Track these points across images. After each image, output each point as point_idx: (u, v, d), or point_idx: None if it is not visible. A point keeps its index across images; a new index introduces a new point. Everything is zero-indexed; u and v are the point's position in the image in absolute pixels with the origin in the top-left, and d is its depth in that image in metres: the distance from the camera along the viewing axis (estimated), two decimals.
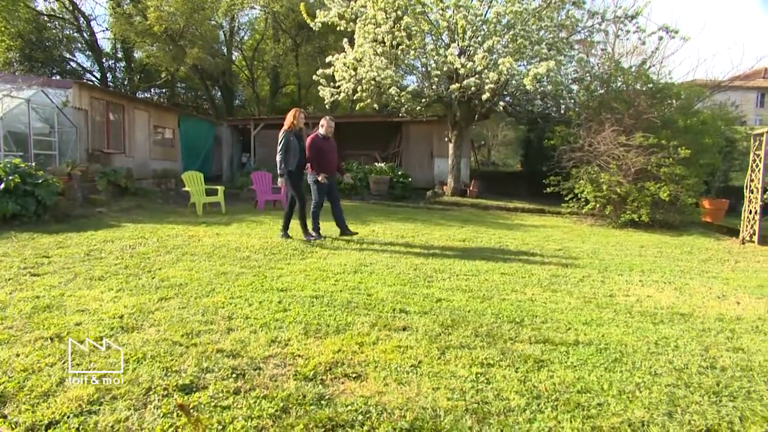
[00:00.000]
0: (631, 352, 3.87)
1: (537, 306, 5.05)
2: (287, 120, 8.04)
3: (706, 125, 13.13)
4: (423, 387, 3.11)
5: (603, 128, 12.93)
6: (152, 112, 18.61)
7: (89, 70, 31.04)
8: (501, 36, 13.77)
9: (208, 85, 30.64)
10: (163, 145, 19.74)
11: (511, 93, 15.34)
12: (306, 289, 5.35)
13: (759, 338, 4.40)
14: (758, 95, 43.26)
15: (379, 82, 14.55)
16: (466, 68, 13.53)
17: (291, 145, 7.94)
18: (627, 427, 2.73)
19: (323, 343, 3.78)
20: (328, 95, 15.97)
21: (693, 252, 9.39)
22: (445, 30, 14.55)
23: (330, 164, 8.54)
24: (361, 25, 14.74)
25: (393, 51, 14.88)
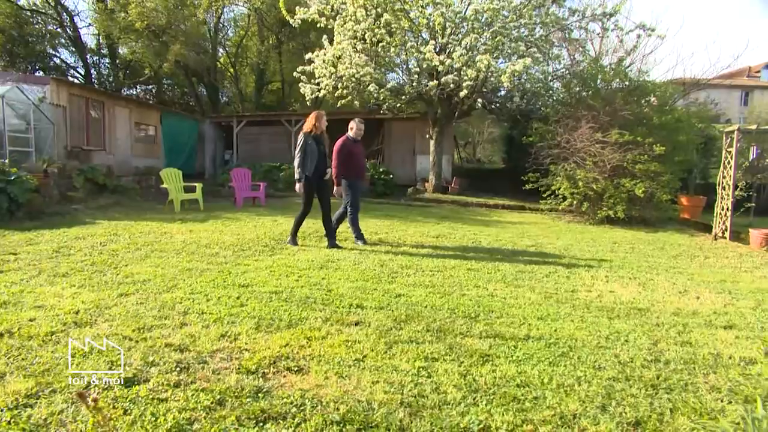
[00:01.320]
0: (580, 346, 3.91)
1: (496, 301, 5.09)
2: (308, 122, 7.68)
3: (681, 122, 13.25)
4: (363, 380, 3.14)
5: (580, 125, 13.03)
6: (134, 109, 18.54)
7: (73, 66, 30.83)
8: (479, 33, 13.82)
9: (194, 82, 30.49)
10: (146, 142, 19.67)
11: (491, 90, 15.37)
12: (267, 284, 5.38)
13: (709, 332, 4.45)
14: (742, 94, 43.67)
15: (358, 79, 14.56)
16: (444, 65, 13.57)
17: (309, 148, 7.54)
18: (558, 419, 2.76)
19: (272, 337, 3.81)
20: (309, 92, 15.98)
21: (665, 248, 9.47)
22: (425, 27, 14.58)
23: (360, 168, 8.30)
24: (340, 22, 14.75)
25: (373, 48, 14.91)
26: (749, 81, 46.20)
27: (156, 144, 20.19)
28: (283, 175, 17.79)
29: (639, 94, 13.90)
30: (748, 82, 45.72)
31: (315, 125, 7.61)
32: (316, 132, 7.64)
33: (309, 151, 7.51)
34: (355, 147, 8.14)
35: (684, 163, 13.48)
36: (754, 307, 5.47)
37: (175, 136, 21.23)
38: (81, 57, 29.43)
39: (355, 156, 8.11)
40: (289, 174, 17.66)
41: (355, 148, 8.13)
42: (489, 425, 2.67)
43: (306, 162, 7.51)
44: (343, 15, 14.76)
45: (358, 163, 8.17)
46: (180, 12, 23.59)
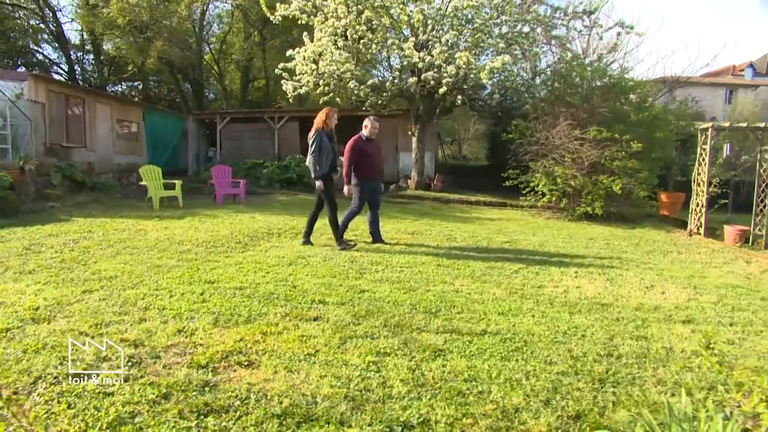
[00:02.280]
0: (536, 341, 3.95)
1: (459, 297, 5.13)
2: (318, 119, 7.43)
3: (658, 120, 13.36)
4: (311, 375, 3.17)
5: (558, 122, 13.11)
6: (115, 105, 18.41)
7: (56, 62, 30.56)
8: (459, 30, 13.86)
9: (179, 78, 30.33)
10: (128, 139, 19.54)
11: (471, 87, 15.40)
12: (233, 281, 5.38)
13: (667, 327, 4.52)
14: (726, 92, 43.84)
15: (339, 76, 14.56)
16: (425, 62, 13.60)
17: (324, 146, 7.34)
18: (500, 413, 2.80)
19: (229, 332, 3.82)
20: (290, 89, 15.94)
21: (640, 244, 9.57)
22: (405, 24, 14.59)
23: (375, 168, 8.02)
24: (321, 19, 14.73)
25: (355, 45, 14.92)
26: (733, 79, 46.47)
27: (139, 141, 20.07)
28: (266, 171, 17.74)
29: (617, 92, 13.99)
30: (732, 81, 45.98)
31: (326, 122, 7.42)
32: (328, 128, 7.47)
33: (324, 148, 7.35)
34: (369, 146, 7.87)
35: (661, 160, 13.60)
36: (716, 301, 5.55)
37: (159, 132, 21.12)
38: (64, 53, 29.14)
39: (369, 155, 7.85)
40: (272, 171, 17.65)
41: (369, 147, 7.86)
42: (429, 419, 2.71)
43: (322, 159, 7.34)
44: (324, 11, 14.74)
45: (372, 162, 7.90)
46: (162, 8, 23.45)
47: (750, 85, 44.49)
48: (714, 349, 3.13)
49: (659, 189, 14.93)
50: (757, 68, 48.65)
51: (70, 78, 28.69)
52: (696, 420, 2.26)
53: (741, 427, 2.33)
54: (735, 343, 4.20)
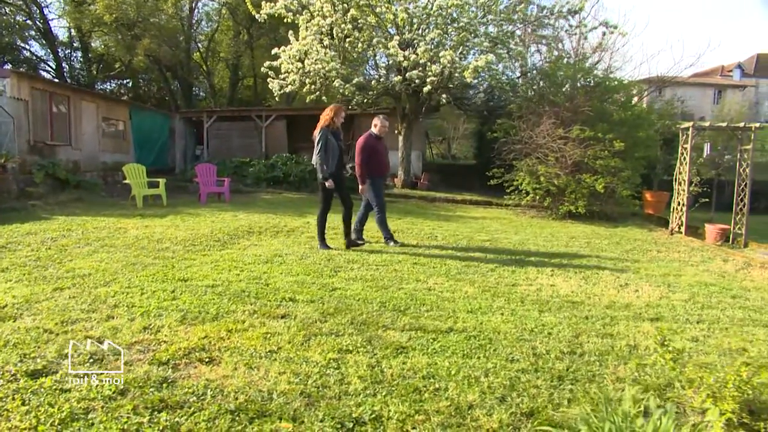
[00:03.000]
0: (501, 339, 3.98)
1: (431, 295, 5.15)
2: (324, 116, 7.29)
3: (641, 119, 13.44)
4: (271, 372, 3.18)
5: (542, 121, 13.16)
6: (101, 103, 18.30)
7: (44, 59, 30.34)
8: (443, 29, 13.89)
9: (168, 76, 30.23)
10: (114, 137, 19.44)
11: (457, 86, 15.41)
12: (207, 278, 5.39)
13: (634, 324, 4.56)
14: (715, 92, 44.25)
15: (324, 74, 14.56)
16: (409, 61, 13.62)
17: (330, 144, 7.18)
18: (453, 410, 2.81)
19: (194, 330, 3.83)
20: (276, 87, 15.92)
21: (621, 243, 9.62)
22: (390, 23, 14.60)
23: (383, 165, 8.05)
24: (306, 17, 14.73)
25: (341, 44, 14.92)
26: (722, 80, 46.90)
27: (125, 139, 19.97)
28: (252, 170, 17.71)
29: (601, 91, 14.06)
30: (721, 81, 46.41)
31: (333, 120, 7.29)
32: (334, 126, 7.32)
33: (330, 146, 7.19)
34: (378, 144, 7.90)
35: (644, 159, 13.70)
36: (687, 299, 5.61)
37: (146, 131, 21.01)
38: (52, 50, 28.94)
39: (379, 153, 7.88)
40: (258, 169, 17.62)
41: (378, 146, 7.89)
42: (382, 415, 2.72)
43: (328, 158, 7.17)
44: (310, 10, 14.74)
45: (381, 160, 7.93)
46: (150, 5, 23.33)
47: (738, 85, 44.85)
48: (669, 346, 3.17)
49: (644, 188, 15.05)
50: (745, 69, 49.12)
51: (58, 75, 28.54)
52: (636, 416, 2.29)
53: (689, 424, 2.36)
54: (699, 340, 4.25)
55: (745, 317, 5.04)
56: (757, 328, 4.72)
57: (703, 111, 37.06)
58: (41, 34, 28.49)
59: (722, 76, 48.51)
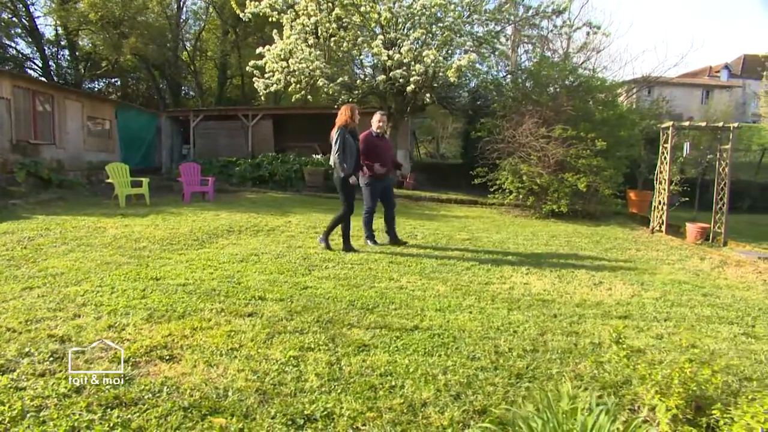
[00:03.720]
0: (465, 337, 4.00)
1: (402, 293, 5.17)
2: (341, 116, 7.16)
3: (623, 118, 13.52)
4: (230, 369, 3.19)
5: (525, 120, 13.21)
6: (86, 102, 18.20)
7: (30, 57, 30.07)
8: (427, 29, 13.92)
9: (156, 75, 30.09)
10: (100, 136, 19.35)
11: (442, 85, 15.41)
12: (179, 277, 5.39)
13: (602, 322, 4.60)
14: (703, 92, 44.56)
15: (309, 73, 14.55)
16: (393, 60, 13.64)
17: (348, 144, 7.08)
18: (406, 407, 2.84)
19: (159, 328, 3.83)
20: (262, 87, 15.88)
21: (601, 241, 9.67)
22: (375, 22, 14.60)
23: (385, 164, 7.76)
24: (291, 16, 14.70)
25: (326, 43, 14.92)
26: (709, 80, 47.29)
27: (111, 138, 19.88)
28: (238, 169, 17.68)
29: (584, 91, 14.12)
30: (709, 82, 46.78)
31: (352, 118, 7.16)
32: (352, 126, 7.20)
33: (348, 146, 7.09)
34: (378, 141, 7.70)
35: (627, 158, 13.76)
36: (658, 297, 5.66)
37: (132, 130, 20.90)
38: (38, 48, 28.64)
39: (380, 152, 7.64)
40: (244, 169, 17.59)
41: (378, 143, 7.68)
42: (333, 412, 2.75)
43: (346, 158, 7.08)
44: (295, 9, 14.72)
45: (383, 159, 7.68)
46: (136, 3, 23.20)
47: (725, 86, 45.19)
48: (623, 343, 3.21)
49: (628, 187, 15.15)
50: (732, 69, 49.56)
51: (44, 74, 28.27)
52: (571, 414, 2.32)
53: (620, 420, 2.39)
54: (663, 337, 4.29)
55: (713, 315, 5.10)
56: (723, 325, 4.77)
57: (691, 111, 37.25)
58: (27, 31, 28.11)
59: (710, 76, 48.94)
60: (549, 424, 2.09)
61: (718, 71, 49.56)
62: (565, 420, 2.20)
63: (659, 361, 3.50)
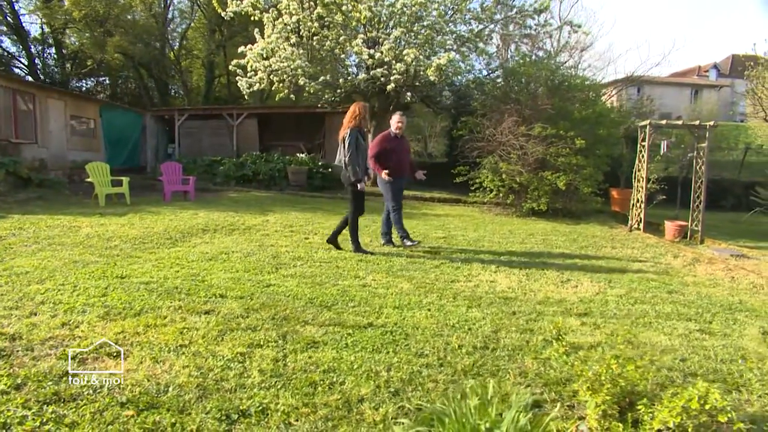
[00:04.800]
0: (418, 334, 4.03)
1: (364, 291, 5.20)
2: (350, 115, 7.03)
3: (602, 117, 13.59)
4: (175, 365, 3.22)
5: (504, 119, 13.27)
6: (69, 101, 18.15)
7: (16, 56, 29.89)
8: (407, 28, 13.96)
9: (143, 74, 30.00)
10: (83, 135, 19.30)
11: (423, 84, 15.44)
12: (144, 276, 5.40)
13: (559, 320, 4.63)
14: (692, 91, 44.77)
15: (291, 72, 14.56)
16: (374, 59, 13.67)
17: (360, 145, 6.95)
18: (341, 403, 2.87)
19: (113, 325, 3.84)
20: (245, 85, 15.89)
21: (577, 240, 9.73)
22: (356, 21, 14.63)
23: (402, 165, 7.72)
24: (270, 16, 14.71)
25: (309, 42, 14.93)
26: (698, 80, 47.59)
27: (96, 138, 19.83)
28: (222, 169, 17.68)
29: (564, 89, 14.19)
30: (698, 81, 47.07)
31: (363, 118, 7.07)
32: (362, 126, 7.11)
33: (360, 147, 6.96)
34: (397, 143, 7.63)
35: (607, 157, 13.83)
36: (623, 294, 5.71)
37: (117, 129, 20.84)
38: (24, 46, 28.50)
39: (397, 152, 7.58)
40: (228, 168, 17.58)
41: (397, 144, 7.62)
42: (269, 407, 2.78)
43: (359, 159, 6.94)
44: (278, 7, 14.73)
45: (399, 159, 7.62)
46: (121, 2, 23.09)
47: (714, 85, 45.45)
48: (563, 340, 3.25)
49: (610, 186, 15.23)
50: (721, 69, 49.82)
51: (30, 72, 28.15)
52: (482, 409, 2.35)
53: (528, 416, 2.42)
54: (618, 334, 4.32)
55: (673, 311, 5.14)
56: (681, 321, 4.82)
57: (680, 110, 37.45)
58: (12, 29, 27.90)
59: (699, 76, 49.24)
60: (459, 420, 2.11)
61: (707, 71, 49.87)
62: (473, 415, 2.22)
63: (586, 358, 3.55)
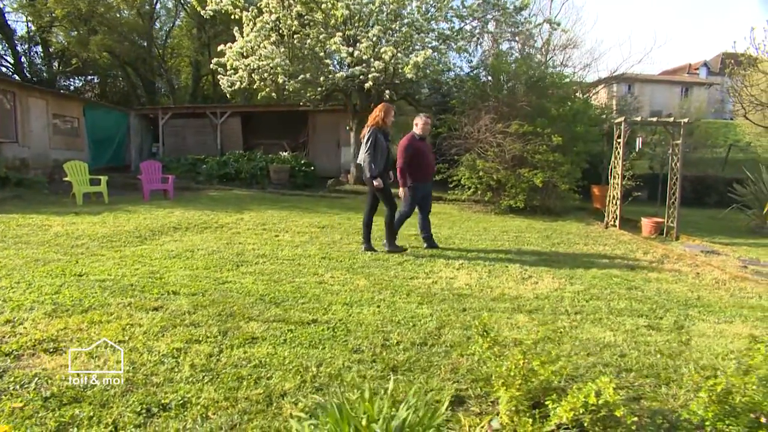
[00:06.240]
0: (360, 331, 4.04)
1: (318, 288, 5.23)
2: (373, 116, 7.06)
3: (579, 114, 13.65)
4: (110, 360, 3.26)
5: (482, 116, 13.33)
6: (51, 100, 18.08)
7: (1, 55, 29.70)
8: (385, 26, 13.99)
9: (131, 73, 29.92)
10: (67, 134, 19.22)
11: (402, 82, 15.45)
12: (103, 273, 5.42)
13: (508, 316, 4.64)
14: (682, 89, 45.00)
15: (270, 70, 14.57)
16: (353, 57, 13.70)
17: (379, 143, 6.97)
18: (263, 398, 2.90)
19: (57, 322, 3.87)
20: (226, 84, 15.88)
21: (551, 237, 9.76)
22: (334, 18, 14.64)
23: (429, 168, 7.74)
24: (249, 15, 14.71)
25: (290, 40, 14.94)
26: (689, 78, 47.89)
27: (79, 137, 19.77)
28: (206, 167, 17.68)
29: (544, 86, 14.24)
30: (688, 79, 47.37)
31: (384, 119, 7.05)
32: (385, 126, 7.09)
33: (379, 146, 6.97)
34: (422, 145, 7.58)
35: (585, 153, 13.87)
36: (581, 291, 5.74)
37: (101, 128, 20.76)
38: (9, 45, 28.34)
39: (423, 155, 7.52)
40: (211, 166, 17.59)
41: (422, 146, 7.57)
42: (190, 401, 2.82)
43: (377, 157, 6.95)
44: (258, 5, 14.73)
45: (425, 162, 7.59)
46: None
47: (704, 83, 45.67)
48: (488, 335, 3.28)
49: (592, 183, 15.29)
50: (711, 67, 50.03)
51: (16, 71, 28.03)
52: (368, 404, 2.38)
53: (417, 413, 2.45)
54: (563, 332, 4.36)
55: (626, 307, 5.17)
56: (631, 317, 4.84)
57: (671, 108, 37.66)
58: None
59: (689, 74, 49.53)
60: (343, 413, 2.14)
61: (697, 69, 50.12)
62: (357, 408, 2.23)
63: (499, 355, 3.59)
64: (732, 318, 5.03)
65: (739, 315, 5.15)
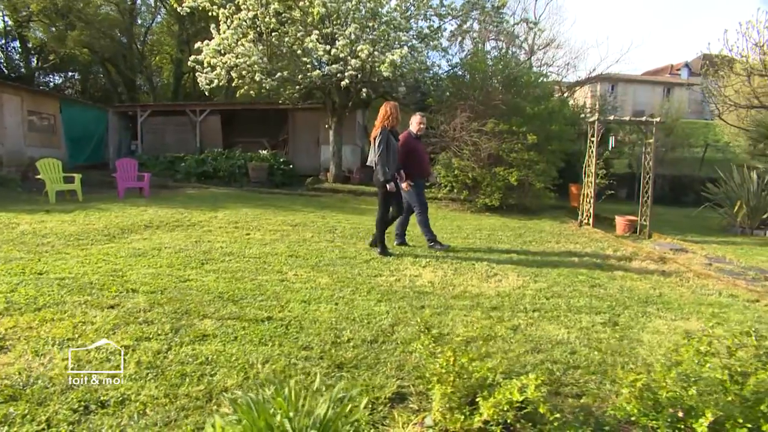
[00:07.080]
0: (313, 328, 4.06)
1: (279, 286, 5.24)
2: (381, 115, 6.93)
3: (554, 113, 13.74)
4: (55, 358, 3.24)
5: (457, 114, 13.38)
6: (25, 96, 17.89)
7: None
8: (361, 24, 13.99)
9: (111, 70, 29.64)
10: (43, 131, 19.02)
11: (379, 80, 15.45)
12: (64, 271, 5.37)
13: (464, 314, 4.68)
14: (664, 90, 45.42)
15: (248, 68, 14.52)
16: (330, 55, 13.70)
17: (391, 145, 6.87)
18: (203, 394, 2.91)
19: (6, 320, 3.83)
20: (204, 81, 15.79)
21: (523, 235, 9.83)
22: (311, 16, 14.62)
23: (426, 166, 7.89)
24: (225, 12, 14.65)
25: (268, 38, 14.90)
26: (671, 78, 48.37)
27: (56, 134, 19.58)
28: (184, 165, 17.60)
29: (520, 85, 14.32)
30: (669, 79, 47.85)
31: (396, 118, 6.96)
32: (393, 126, 6.99)
33: (391, 148, 6.88)
34: (418, 144, 7.68)
35: (561, 152, 13.98)
36: (543, 288, 5.80)
37: (79, 125, 20.57)
38: None
39: (419, 153, 7.60)
40: (189, 164, 17.51)
41: (418, 145, 7.67)
42: (128, 397, 2.83)
43: (389, 159, 6.86)
44: (235, 2, 14.66)
45: (421, 160, 7.65)
46: None
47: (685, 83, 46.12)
48: (430, 333, 3.30)
49: (570, 181, 15.41)
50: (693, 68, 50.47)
51: None
52: None
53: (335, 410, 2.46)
54: (518, 329, 4.37)
55: (585, 305, 5.22)
56: (589, 315, 4.88)
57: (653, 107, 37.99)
58: None
59: (671, 74, 50.00)
60: (260, 409, 2.15)
61: (678, 69, 50.60)
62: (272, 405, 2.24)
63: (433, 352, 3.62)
64: (689, 315, 5.11)
65: (696, 312, 5.22)
